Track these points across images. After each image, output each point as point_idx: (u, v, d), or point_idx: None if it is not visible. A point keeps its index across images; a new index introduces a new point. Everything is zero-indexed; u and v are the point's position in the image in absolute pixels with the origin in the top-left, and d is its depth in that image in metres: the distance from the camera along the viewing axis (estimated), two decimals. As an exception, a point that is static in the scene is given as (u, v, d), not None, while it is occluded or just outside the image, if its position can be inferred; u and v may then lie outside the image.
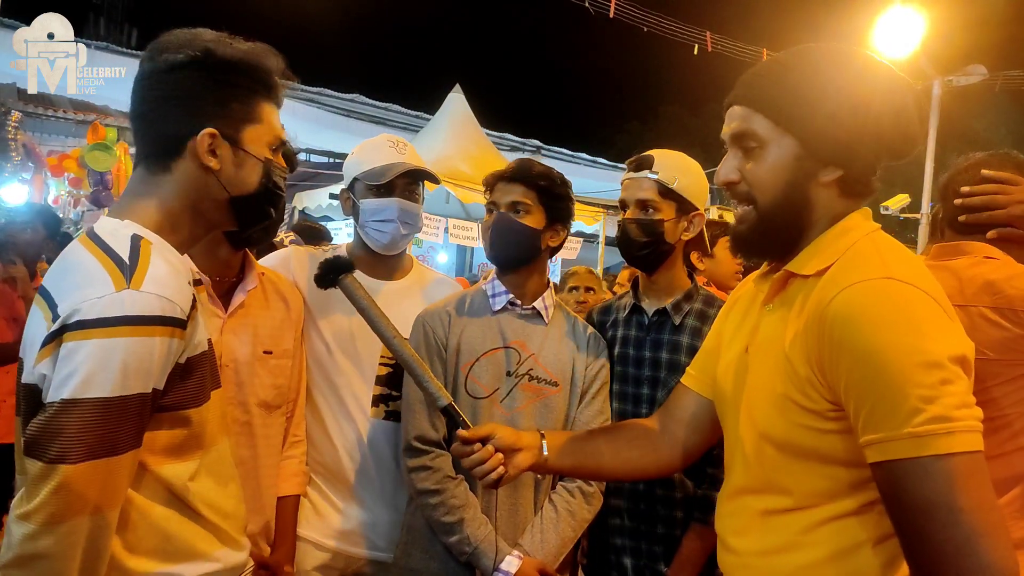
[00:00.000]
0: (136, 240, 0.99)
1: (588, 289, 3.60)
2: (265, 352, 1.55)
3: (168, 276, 0.97)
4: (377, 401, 1.72)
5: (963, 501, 0.80)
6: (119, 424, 0.91)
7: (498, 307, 1.63)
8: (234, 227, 1.16)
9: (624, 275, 4.70)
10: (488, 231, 1.62)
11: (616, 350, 1.69)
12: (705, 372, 1.24)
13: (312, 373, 1.71)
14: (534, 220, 1.59)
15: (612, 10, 9.43)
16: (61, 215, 6.68)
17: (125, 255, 0.96)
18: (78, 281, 0.94)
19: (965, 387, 0.84)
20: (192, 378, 1.03)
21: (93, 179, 6.16)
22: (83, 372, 0.89)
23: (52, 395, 0.90)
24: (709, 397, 1.21)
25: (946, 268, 1.48)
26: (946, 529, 0.80)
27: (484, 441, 1.19)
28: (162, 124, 1.05)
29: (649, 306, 1.68)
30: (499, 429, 1.21)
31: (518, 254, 1.61)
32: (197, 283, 1.22)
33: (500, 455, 1.19)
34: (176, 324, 0.96)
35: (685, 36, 10.21)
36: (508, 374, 1.58)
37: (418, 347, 1.58)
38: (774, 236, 1.03)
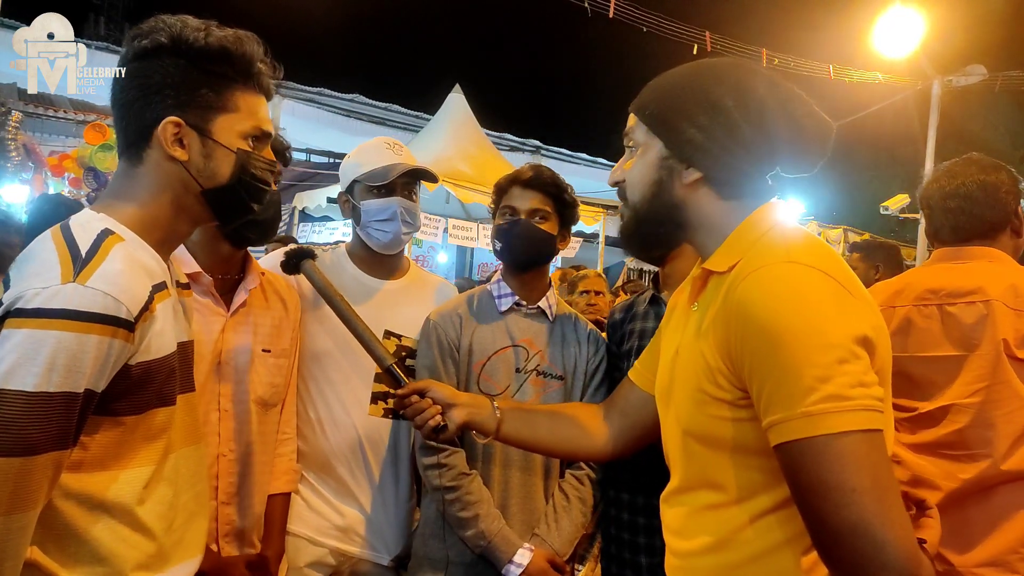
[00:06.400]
0: (103, 234, 0.96)
1: (597, 293, 3.77)
2: (264, 350, 1.56)
3: (121, 274, 0.93)
4: (376, 398, 1.73)
5: (857, 481, 0.79)
6: (40, 422, 0.85)
7: (504, 308, 1.70)
8: (213, 221, 1.12)
9: (556, 274, 4.82)
10: (509, 236, 1.67)
11: (635, 343, 1.71)
12: (648, 368, 1.27)
13: (311, 369, 1.71)
14: (551, 226, 1.68)
15: (612, 10, 9.43)
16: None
17: (84, 248, 0.93)
18: (31, 270, 0.92)
19: (862, 367, 0.83)
20: (152, 383, 0.98)
21: (91, 179, 6.15)
22: (8, 362, 0.85)
23: None
24: (650, 392, 1.23)
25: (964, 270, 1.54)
26: (841, 509, 0.79)
27: (421, 394, 1.29)
28: (132, 113, 1.03)
29: (668, 297, 1.67)
30: (433, 384, 1.32)
31: (538, 259, 1.70)
32: (185, 287, 1.19)
33: (437, 407, 1.28)
34: (118, 324, 0.91)
35: (685, 36, 10.21)
36: (517, 371, 1.66)
37: (430, 347, 1.65)
38: (646, 232, 1.09)
